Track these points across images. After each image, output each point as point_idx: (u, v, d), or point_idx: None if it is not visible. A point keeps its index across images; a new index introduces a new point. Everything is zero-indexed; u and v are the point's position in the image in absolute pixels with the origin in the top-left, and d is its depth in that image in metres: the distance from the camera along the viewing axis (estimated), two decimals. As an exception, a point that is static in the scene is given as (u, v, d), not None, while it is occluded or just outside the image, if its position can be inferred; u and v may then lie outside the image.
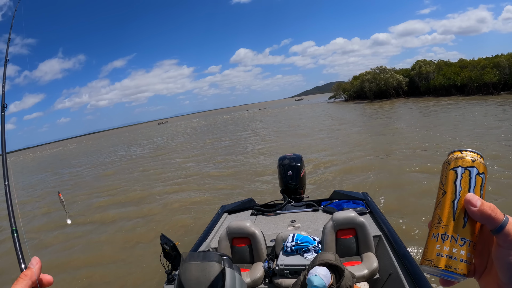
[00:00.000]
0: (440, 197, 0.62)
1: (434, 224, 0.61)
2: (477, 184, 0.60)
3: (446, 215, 0.60)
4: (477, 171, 0.60)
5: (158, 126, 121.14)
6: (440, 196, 0.62)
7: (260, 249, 4.22)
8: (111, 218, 10.88)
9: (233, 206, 5.99)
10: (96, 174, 22.44)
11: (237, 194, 11.09)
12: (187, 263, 2.89)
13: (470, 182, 0.60)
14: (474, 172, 0.60)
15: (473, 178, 0.60)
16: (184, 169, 17.67)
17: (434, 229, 0.61)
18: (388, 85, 58.86)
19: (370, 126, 25.31)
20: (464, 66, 47.66)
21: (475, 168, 0.60)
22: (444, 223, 0.60)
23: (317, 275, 2.67)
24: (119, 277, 6.76)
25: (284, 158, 6.21)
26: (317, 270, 2.73)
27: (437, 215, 0.62)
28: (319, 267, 2.80)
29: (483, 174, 0.61)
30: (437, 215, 0.62)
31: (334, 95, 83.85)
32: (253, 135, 30.76)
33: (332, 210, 5.12)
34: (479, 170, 0.60)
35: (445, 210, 0.61)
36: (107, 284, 6.66)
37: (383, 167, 12.07)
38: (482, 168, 0.61)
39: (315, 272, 2.70)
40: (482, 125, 17.86)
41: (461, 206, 0.59)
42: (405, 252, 3.60)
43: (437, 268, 0.58)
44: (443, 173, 0.64)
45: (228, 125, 53.14)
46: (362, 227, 4.01)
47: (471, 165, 0.61)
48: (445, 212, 0.60)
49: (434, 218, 0.62)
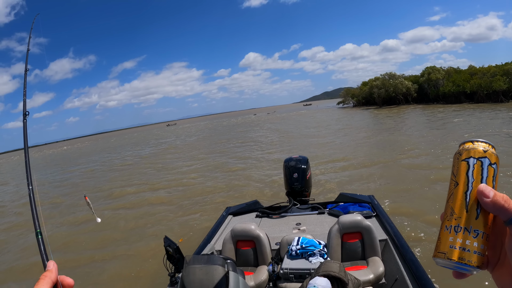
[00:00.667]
0: (452, 188, 0.61)
1: (446, 216, 0.61)
2: (489, 174, 0.59)
3: (458, 207, 0.59)
4: (489, 162, 0.59)
5: (168, 128, 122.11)
6: (452, 188, 0.61)
7: (264, 252, 4.19)
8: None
9: (238, 208, 5.96)
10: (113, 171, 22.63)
11: (244, 193, 11.17)
12: (190, 266, 2.87)
13: (482, 172, 0.59)
14: (486, 163, 0.59)
15: (485, 168, 0.59)
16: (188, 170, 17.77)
17: (447, 221, 0.60)
18: (397, 92, 58.56)
19: (377, 131, 25.17)
20: (473, 73, 47.24)
21: (487, 158, 0.59)
22: (457, 214, 0.59)
23: (316, 286, 2.65)
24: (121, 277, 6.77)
25: (290, 160, 6.18)
26: (317, 281, 2.70)
27: (449, 206, 0.61)
28: (319, 277, 2.77)
29: (495, 165, 0.60)
30: (449, 206, 0.61)
31: (343, 100, 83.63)
32: (263, 137, 30.81)
33: (338, 213, 5.09)
34: (491, 161, 0.59)
35: (457, 202, 0.60)
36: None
37: (389, 170, 12.00)
38: (494, 158, 0.60)
39: (315, 283, 2.68)
40: (490, 131, 17.66)
41: (474, 197, 0.58)
42: (411, 256, 3.55)
43: (451, 260, 0.57)
44: (454, 164, 0.63)
45: (238, 127, 53.40)
46: (368, 231, 3.97)
47: (483, 155, 0.60)
48: (457, 203, 0.60)
49: (447, 210, 0.61)
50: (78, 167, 29.38)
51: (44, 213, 1.35)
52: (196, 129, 70.11)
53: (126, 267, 7.17)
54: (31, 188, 1.37)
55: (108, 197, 14.60)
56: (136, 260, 7.39)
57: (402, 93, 58.54)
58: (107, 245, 8.64)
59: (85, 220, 10.77)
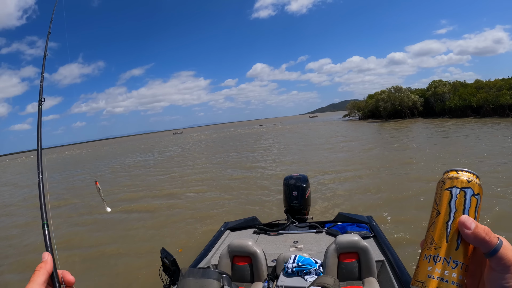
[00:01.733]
0: (433, 217, 0.61)
1: (426, 245, 0.61)
2: (472, 205, 0.59)
3: (439, 236, 0.59)
4: (472, 192, 0.59)
5: (175, 136, 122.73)
6: (434, 216, 0.61)
7: (260, 268, 4.19)
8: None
9: (236, 224, 5.97)
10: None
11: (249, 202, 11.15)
12: (186, 279, 2.90)
13: (465, 203, 0.59)
14: (469, 193, 0.59)
15: (468, 199, 0.59)
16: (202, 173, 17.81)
17: (426, 249, 0.60)
18: (403, 105, 58.44)
19: (382, 144, 25.03)
20: (480, 87, 47.07)
21: (470, 188, 0.59)
22: (437, 244, 0.59)
23: None
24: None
25: (290, 178, 6.21)
26: None
27: (430, 235, 0.61)
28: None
29: (478, 195, 0.60)
30: (430, 235, 0.61)
31: (349, 113, 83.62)
32: (269, 149, 30.86)
33: (336, 232, 5.07)
34: (474, 191, 0.59)
35: (438, 231, 0.60)
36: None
37: (391, 187, 11.89)
38: (478, 189, 0.60)
39: None
40: (495, 149, 17.50)
41: (455, 227, 0.58)
42: (407, 278, 3.52)
43: None
44: (437, 192, 0.62)
45: (245, 138, 53.61)
46: (365, 251, 3.95)
47: (466, 185, 0.59)
48: (438, 233, 0.59)
49: (427, 239, 0.61)
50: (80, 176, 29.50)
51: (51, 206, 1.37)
52: (205, 139, 70.15)
53: (125, 270, 7.27)
54: (41, 177, 1.35)
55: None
56: (131, 269, 7.42)
57: (408, 107, 58.42)
58: (101, 255, 8.65)
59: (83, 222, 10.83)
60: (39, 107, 1.80)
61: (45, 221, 1.09)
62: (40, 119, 1.71)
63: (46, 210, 1.16)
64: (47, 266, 0.71)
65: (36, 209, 11.28)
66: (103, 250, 8.83)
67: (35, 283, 0.67)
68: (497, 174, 11.67)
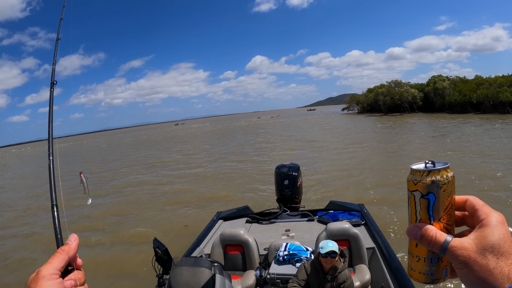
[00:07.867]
0: None
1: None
2: (422, 207, 0.60)
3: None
4: (421, 194, 0.60)
5: (177, 127, 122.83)
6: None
7: (252, 257, 4.23)
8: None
9: (228, 213, 6.00)
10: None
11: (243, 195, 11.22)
12: (178, 267, 2.92)
13: (415, 206, 0.61)
14: (418, 196, 0.60)
15: (418, 202, 0.61)
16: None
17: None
18: (403, 100, 58.34)
19: (384, 139, 24.91)
20: (480, 83, 47.05)
21: (418, 191, 0.60)
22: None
23: (331, 241, 3.23)
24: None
25: (281, 167, 6.23)
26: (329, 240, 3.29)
27: None
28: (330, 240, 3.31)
29: (432, 195, 0.59)
30: None
31: (347, 106, 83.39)
32: (269, 142, 30.84)
33: (327, 220, 5.09)
34: (422, 193, 0.60)
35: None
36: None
37: (386, 179, 11.92)
38: (426, 189, 0.59)
39: (328, 240, 3.27)
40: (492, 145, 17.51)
41: None
42: (398, 265, 3.56)
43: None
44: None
45: (244, 130, 53.46)
46: (355, 238, 3.99)
47: (414, 189, 0.61)
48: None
49: None
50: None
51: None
52: (208, 130, 69.79)
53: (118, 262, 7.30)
54: (52, 159, 1.35)
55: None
56: (124, 259, 7.45)
57: (407, 101, 58.33)
58: (93, 242, 8.71)
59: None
60: (51, 89, 1.81)
61: (54, 202, 1.09)
62: (52, 102, 1.73)
63: (55, 191, 1.16)
64: (70, 251, 0.65)
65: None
66: (99, 239, 8.86)
67: (51, 266, 0.62)
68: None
